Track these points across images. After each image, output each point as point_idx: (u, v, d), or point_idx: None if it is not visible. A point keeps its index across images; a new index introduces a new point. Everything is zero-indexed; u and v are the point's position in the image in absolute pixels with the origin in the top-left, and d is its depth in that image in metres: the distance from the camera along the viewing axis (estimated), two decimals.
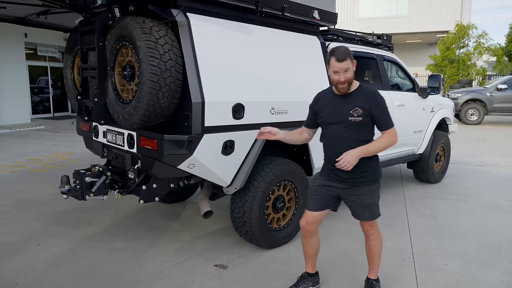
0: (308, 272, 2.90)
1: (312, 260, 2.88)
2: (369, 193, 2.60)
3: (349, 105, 2.52)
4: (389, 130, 2.51)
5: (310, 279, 2.89)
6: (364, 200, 2.60)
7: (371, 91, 2.57)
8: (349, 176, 2.57)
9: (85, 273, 3.11)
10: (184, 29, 2.88)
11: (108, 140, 3.55)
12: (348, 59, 2.46)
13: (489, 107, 14.07)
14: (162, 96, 2.79)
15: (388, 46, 5.27)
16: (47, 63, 14.96)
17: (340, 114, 2.54)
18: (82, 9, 3.48)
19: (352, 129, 2.51)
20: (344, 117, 2.52)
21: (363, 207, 2.62)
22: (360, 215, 2.67)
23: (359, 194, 2.60)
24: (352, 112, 2.49)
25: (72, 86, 3.87)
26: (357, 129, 2.51)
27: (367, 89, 2.58)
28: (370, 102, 2.49)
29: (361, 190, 2.59)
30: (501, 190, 5.68)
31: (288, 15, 3.54)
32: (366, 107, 2.48)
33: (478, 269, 3.28)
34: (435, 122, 5.72)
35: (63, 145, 8.90)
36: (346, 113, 2.51)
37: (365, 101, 2.49)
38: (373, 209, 2.64)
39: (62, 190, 3.22)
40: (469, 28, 19.73)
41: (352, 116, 2.49)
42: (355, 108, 2.49)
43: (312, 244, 2.80)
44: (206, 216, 3.52)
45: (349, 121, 2.50)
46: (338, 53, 2.47)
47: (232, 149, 3.14)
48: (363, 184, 2.59)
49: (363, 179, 2.58)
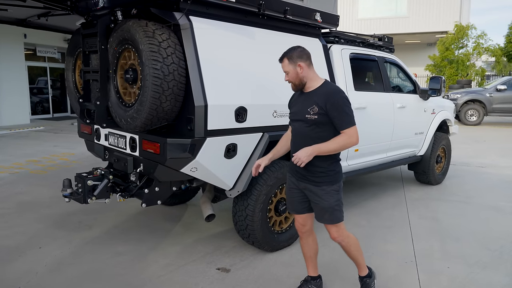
0: (311, 275, 2.90)
1: (313, 262, 2.87)
2: (327, 195, 2.54)
3: (308, 103, 2.52)
4: (347, 130, 2.43)
5: (313, 283, 2.88)
6: (321, 202, 2.55)
7: (330, 89, 2.51)
8: (305, 173, 2.57)
9: (87, 277, 3.10)
10: (187, 32, 2.87)
11: (110, 143, 3.54)
12: (285, 60, 2.51)
13: (489, 108, 14.08)
14: (165, 99, 2.78)
15: (389, 48, 5.27)
16: (47, 63, 14.93)
17: (300, 112, 2.56)
18: (83, 12, 3.47)
19: (309, 126, 2.51)
20: (303, 114, 2.53)
21: (321, 209, 2.58)
22: (319, 217, 2.62)
23: (317, 195, 2.56)
24: (309, 110, 2.49)
25: (74, 89, 3.85)
26: (314, 127, 2.49)
27: (328, 87, 2.54)
28: (326, 100, 2.44)
29: (319, 191, 2.55)
30: (502, 192, 5.68)
31: (290, 18, 3.53)
32: (322, 106, 2.45)
33: (480, 271, 3.28)
34: (436, 124, 5.73)
35: (63, 146, 8.88)
36: (304, 111, 2.52)
37: (322, 99, 2.46)
38: (333, 213, 2.56)
39: (64, 194, 3.21)
40: (468, 29, 19.77)
41: (309, 114, 2.49)
42: (312, 106, 2.48)
43: (310, 244, 2.81)
44: (208, 220, 3.51)
45: (306, 118, 2.50)
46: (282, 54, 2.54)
47: (235, 152, 3.13)
48: (320, 185, 2.54)
49: (319, 179, 2.54)
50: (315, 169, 2.53)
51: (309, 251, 2.84)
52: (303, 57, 2.52)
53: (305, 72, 2.52)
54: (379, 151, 4.80)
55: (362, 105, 4.29)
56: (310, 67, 2.55)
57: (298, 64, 2.50)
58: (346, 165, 4.26)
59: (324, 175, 2.54)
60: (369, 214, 4.64)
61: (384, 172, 6.66)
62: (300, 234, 2.80)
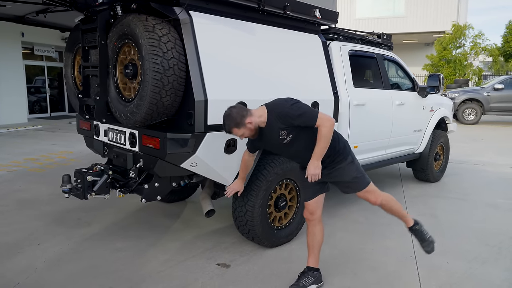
0: (310, 266, 2.90)
1: (314, 252, 2.91)
2: (345, 171, 2.74)
3: (274, 135, 2.62)
4: (318, 121, 2.52)
5: (311, 274, 2.87)
6: (344, 178, 2.77)
7: (276, 112, 2.57)
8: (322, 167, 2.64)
9: (87, 273, 3.09)
10: (187, 27, 2.87)
11: (109, 139, 3.53)
12: (234, 130, 2.56)
13: (486, 107, 14.14)
14: (165, 94, 2.78)
15: (388, 45, 5.28)
16: (44, 62, 14.88)
17: (275, 143, 2.67)
18: (82, 8, 3.46)
19: (295, 144, 2.64)
20: (281, 142, 2.63)
21: (347, 183, 2.79)
22: (349, 190, 2.85)
23: (338, 175, 2.76)
24: (280, 138, 2.61)
25: (73, 85, 3.84)
26: (297, 141, 2.63)
27: (273, 112, 2.59)
28: (284, 121, 2.55)
29: (337, 172, 2.74)
30: (500, 189, 5.70)
31: (289, 14, 3.54)
32: (286, 125, 2.56)
33: (479, 267, 3.29)
34: (434, 121, 5.74)
35: (61, 145, 8.86)
36: (277, 140, 2.63)
37: (280, 123, 2.56)
38: (358, 181, 2.77)
39: (64, 189, 3.20)
40: (465, 28, 19.83)
41: (284, 139, 2.62)
42: (280, 133, 2.59)
43: (316, 233, 2.87)
44: (208, 215, 3.51)
45: (285, 143, 2.63)
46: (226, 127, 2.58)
47: (234, 147, 3.13)
48: (336, 166, 2.73)
49: (334, 163, 2.73)
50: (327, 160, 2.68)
51: (313, 240, 2.89)
52: (243, 113, 2.54)
53: (254, 119, 2.57)
54: (377, 148, 4.81)
55: (361, 101, 4.30)
56: (253, 113, 2.59)
57: (246, 122, 2.55)
58: None
59: (335, 157, 2.72)
60: (368, 211, 4.64)
61: (382, 170, 6.67)
62: (308, 222, 2.89)
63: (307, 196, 2.87)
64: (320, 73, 3.89)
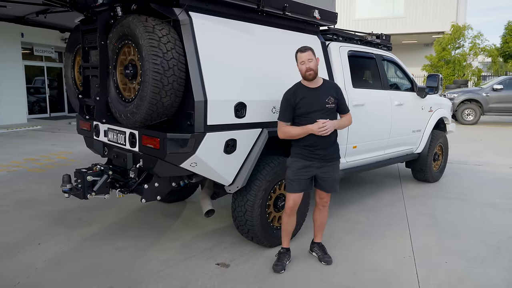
0: (286, 247, 3.29)
1: (289, 236, 3.30)
2: (336, 168, 3.21)
3: (323, 95, 3.08)
4: (349, 113, 3.24)
5: (288, 253, 3.29)
6: (334, 174, 3.18)
7: (334, 83, 3.29)
8: (324, 153, 3.09)
9: (87, 272, 3.10)
10: (187, 28, 2.89)
11: (109, 139, 3.55)
12: (309, 51, 3.03)
13: (485, 107, 14.16)
14: (165, 94, 2.79)
15: (387, 46, 5.30)
16: (44, 63, 14.89)
17: (319, 103, 3.06)
18: (82, 8, 3.47)
19: (328, 114, 3.07)
20: (323, 105, 3.06)
21: (333, 180, 3.18)
22: (331, 188, 3.21)
23: (331, 171, 3.15)
24: (327, 100, 3.07)
25: (73, 85, 3.85)
26: (330, 113, 3.09)
27: (331, 82, 3.31)
28: (337, 91, 3.14)
29: (331, 167, 3.16)
30: (499, 189, 5.72)
31: (289, 15, 3.55)
32: (335, 96, 3.11)
33: (478, 266, 3.30)
34: (433, 122, 5.76)
35: (61, 145, 8.87)
36: (323, 102, 3.06)
37: (333, 91, 3.12)
38: (337, 183, 3.24)
39: (64, 189, 3.21)
40: (464, 29, 19.85)
41: (328, 103, 3.07)
42: (328, 97, 3.07)
43: (292, 221, 3.25)
44: (208, 215, 3.52)
45: (326, 108, 3.06)
46: (302, 47, 3.08)
47: (234, 148, 3.14)
48: (333, 160, 3.15)
49: (333, 156, 3.15)
50: (332, 147, 3.12)
51: (290, 226, 3.27)
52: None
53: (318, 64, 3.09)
54: (377, 148, 4.83)
55: (360, 102, 4.32)
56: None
57: (317, 57, 3.08)
58: (345, 161, 4.29)
59: (336, 151, 3.17)
60: (367, 211, 4.66)
61: (381, 170, 6.69)
62: (289, 212, 3.18)
63: (296, 188, 3.11)
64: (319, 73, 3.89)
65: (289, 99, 3.07)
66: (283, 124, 3.10)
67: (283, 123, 3.10)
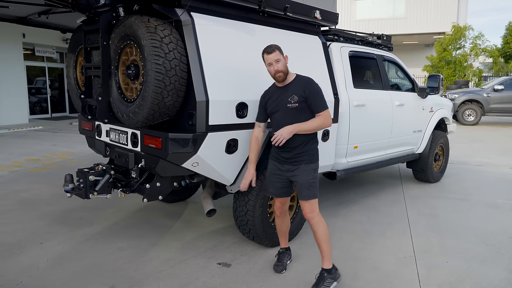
0: (284, 247, 3.28)
1: (285, 236, 3.28)
2: (305, 172, 2.86)
3: (287, 94, 2.86)
4: (322, 113, 2.82)
5: (288, 253, 3.28)
6: (301, 179, 2.86)
7: (306, 79, 2.89)
8: (289, 156, 2.89)
9: (89, 271, 3.12)
10: (189, 28, 2.90)
11: (111, 139, 3.56)
12: (276, 51, 2.81)
13: (486, 108, 14.16)
14: (167, 94, 2.80)
15: (387, 46, 5.31)
16: (45, 63, 14.91)
17: (281, 103, 2.87)
18: (85, 9, 3.49)
19: (291, 114, 2.83)
20: (284, 105, 2.85)
21: (300, 186, 2.87)
22: (299, 195, 2.90)
23: (297, 174, 2.88)
24: (289, 100, 2.83)
25: (75, 85, 3.87)
26: (295, 114, 2.83)
27: (303, 78, 2.91)
28: (305, 88, 2.82)
29: (298, 170, 2.87)
30: (500, 190, 5.73)
31: (290, 15, 3.56)
32: (302, 94, 2.81)
33: (479, 266, 3.31)
34: (434, 122, 5.77)
35: (62, 145, 8.88)
36: (285, 101, 2.85)
37: (300, 89, 2.82)
38: (309, 189, 2.85)
39: (66, 189, 3.22)
40: (465, 30, 19.86)
41: (290, 103, 2.83)
42: (291, 96, 2.83)
43: (285, 222, 3.21)
44: (209, 215, 3.53)
45: (287, 108, 2.84)
46: (267, 48, 2.85)
47: (235, 147, 3.16)
48: (300, 164, 2.87)
49: (300, 159, 2.87)
50: (296, 150, 2.85)
51: (284, 227, 3.23)
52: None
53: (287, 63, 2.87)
54: (377, 149, 4.84)
55: (361, 102, 4.33)
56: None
57: (285, 56, 2.86)
58: (345, 162, 4.30)
59: (304, 154, 2.87)
60: (369, 211, 4.67)
61: (382, 170, 6.70)
62: (278, 213, 3.13)
63: (271, 191, 3.06)
64: (320, 74, 3.91)
65: (261, 100, 3.03)
66: (257, 124, 3.06)
67: (256, 124, 3.06)
